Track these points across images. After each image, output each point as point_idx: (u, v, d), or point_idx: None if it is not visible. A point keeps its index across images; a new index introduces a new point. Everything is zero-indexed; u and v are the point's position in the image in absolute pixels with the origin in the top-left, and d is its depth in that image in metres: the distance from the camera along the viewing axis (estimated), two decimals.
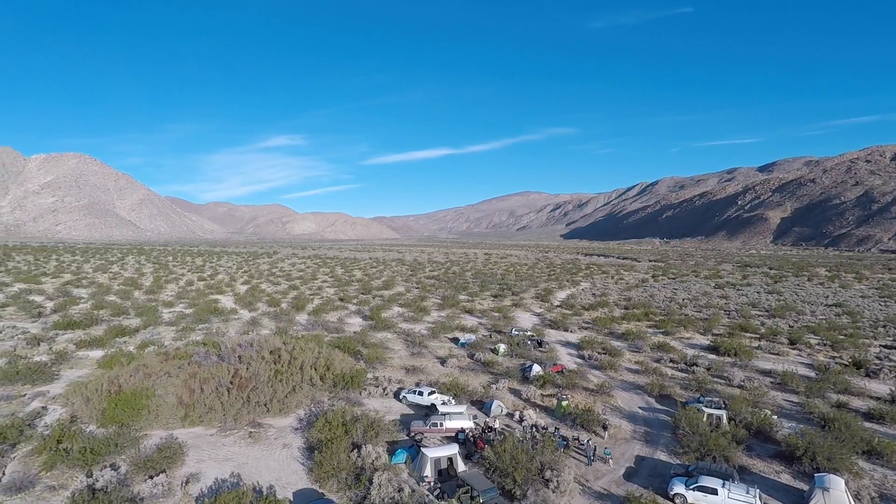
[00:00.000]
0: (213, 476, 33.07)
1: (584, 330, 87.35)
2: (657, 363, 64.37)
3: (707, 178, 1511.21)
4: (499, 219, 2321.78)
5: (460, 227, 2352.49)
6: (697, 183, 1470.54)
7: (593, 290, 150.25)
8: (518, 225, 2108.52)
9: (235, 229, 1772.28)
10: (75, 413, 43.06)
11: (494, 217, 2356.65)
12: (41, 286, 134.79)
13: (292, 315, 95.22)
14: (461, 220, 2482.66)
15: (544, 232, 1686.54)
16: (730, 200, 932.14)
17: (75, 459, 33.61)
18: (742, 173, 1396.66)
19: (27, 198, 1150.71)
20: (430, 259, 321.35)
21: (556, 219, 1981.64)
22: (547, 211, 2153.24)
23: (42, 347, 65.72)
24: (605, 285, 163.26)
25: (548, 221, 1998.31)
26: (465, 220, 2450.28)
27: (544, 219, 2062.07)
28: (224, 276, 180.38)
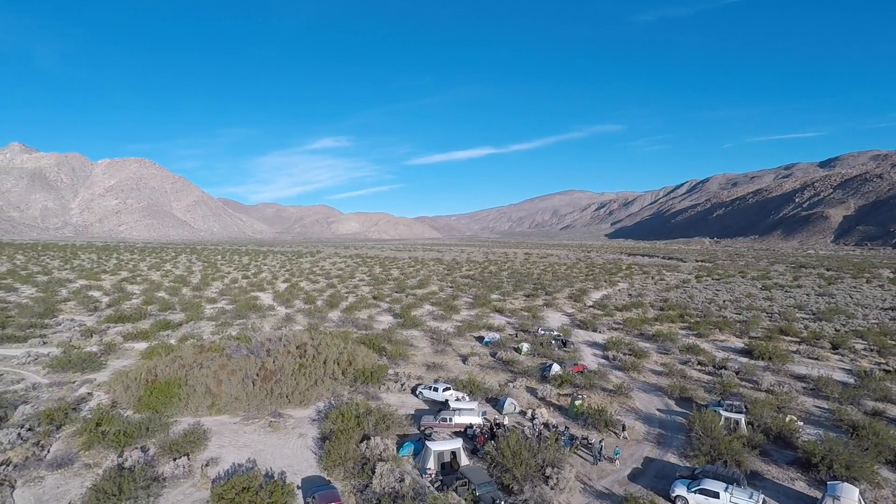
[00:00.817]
0: (231, 461, 35.22)
1: (614, 331, 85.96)
2: (684, 365, 62.92)
3: (762, 174, 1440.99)
4: (541, 218, 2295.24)
5: (502, 226, 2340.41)
6: (751, 180, 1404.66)
7: (630, 290, 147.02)
8: (561, 224, 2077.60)
9: (283, 229, 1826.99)
10: (116, 399, 46.53)
11: (537, 216, 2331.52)
12: (100, 283, 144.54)
13: (325, 312, 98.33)
14: (503, 219, 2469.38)
15: (588, 231, 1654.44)
16: (786, 198, 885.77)
17: (110, 441, 36.51)
18: (801, 169, 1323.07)
19: (94, 200, 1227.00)
20: (468, 258, 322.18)
21: (600, 218, 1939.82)
22: (591, 210, 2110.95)
23: (94, 339, 70.92)
24: (644, 286, 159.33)
25: (592, 221, 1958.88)
26: (507, 220, 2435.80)
27: (588, 218, 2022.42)
28: (267, 274, 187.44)
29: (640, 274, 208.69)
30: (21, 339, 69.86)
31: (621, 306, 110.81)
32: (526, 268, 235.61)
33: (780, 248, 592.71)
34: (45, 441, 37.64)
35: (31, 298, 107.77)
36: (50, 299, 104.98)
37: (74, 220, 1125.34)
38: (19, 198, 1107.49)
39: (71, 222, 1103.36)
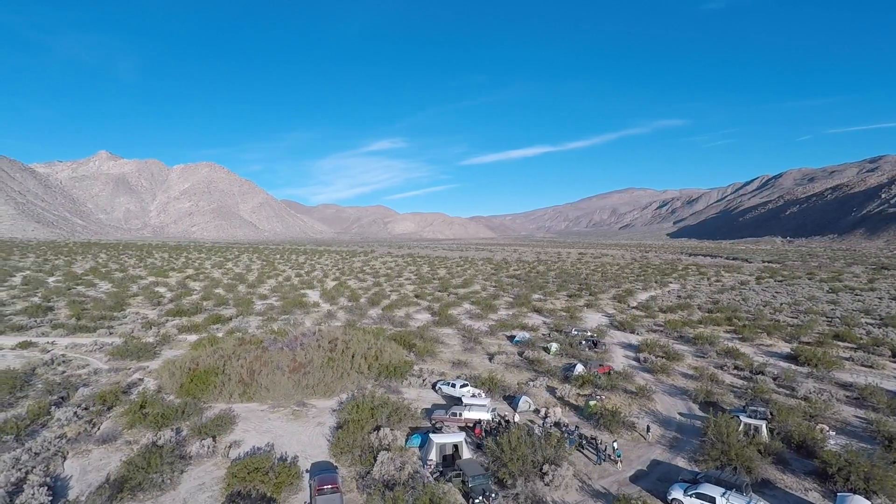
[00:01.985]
0: (252, 444, 38.00)
1: (653, 332, 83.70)
2: (719, 370, 60.78)
3: (843, 168, 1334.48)
4: (599, 217, 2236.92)
5: (559, 226, 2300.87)
6: (830, 175, 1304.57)
7: (681, 292, 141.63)
8: (620, 223, 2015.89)
9: (342, 229, 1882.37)
10: (162, 385, 50.99)
11: (595, 215, 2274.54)
12: (167, 280, 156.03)
13: (366, 309, 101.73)
14: (560, 218, 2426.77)
15: (649, 231, 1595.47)
16: (871, 193, 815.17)
17: (150, 422, 40.32)
18: (889, 162, 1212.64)
19: (170, 203, 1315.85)
20: (518, 258, 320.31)
21: (662, 216, 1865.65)
22: (652, 208, 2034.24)
23: (152, 331, 77.30)
24: (696, 287, 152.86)
25: (653, 219, 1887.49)
26: (563, 219, 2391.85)
27: (649, 217, 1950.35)
28: (319, 272, 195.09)
29: (695, 275, 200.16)
30: (91, 329, 77.29)
31: (666, 308, 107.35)
32: (576, 268, 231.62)
33: (861, 248, 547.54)
34: (97, 419, 42.07)
35: (105, 293, 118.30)
36: (121, 294, 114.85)
37: (153, 221, 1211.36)
38: (106, 201, 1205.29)
39: (150, 223, 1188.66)
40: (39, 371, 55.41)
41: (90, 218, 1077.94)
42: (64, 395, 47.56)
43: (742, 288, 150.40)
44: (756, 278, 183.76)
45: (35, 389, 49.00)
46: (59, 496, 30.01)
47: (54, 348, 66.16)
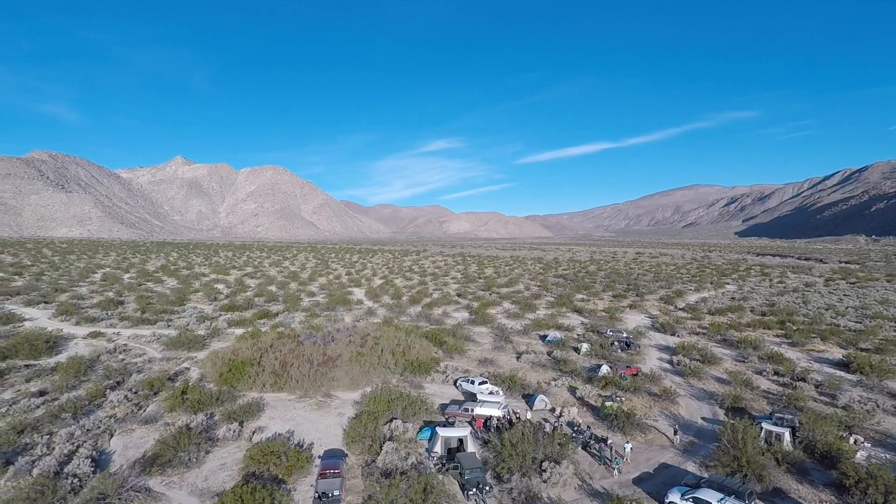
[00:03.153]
0: (275, 430, 40.67)
1: (695, 335, 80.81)
2: (759, 375, 58.12)
3: None
4: (662, 215, 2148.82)
5: (618, 224, 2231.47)
6: None
7: (736, 293, 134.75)
8: (684, 221, 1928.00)
9: (398, 229, 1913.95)
10: (204, 374, 55.19)
11: (657, 213, 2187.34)
12: (227, 277, 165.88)
13: (407, 307, 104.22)
14: (619, 217, 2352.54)
15: (715, 229, 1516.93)
16: None
17: (187, 406, 44.05)
18: None
19: (237, 205, 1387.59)
20: (571, 258, 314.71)
21: (730, 214, 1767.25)
22: (719, 206, 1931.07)
23: (205, 324, 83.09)
24: (755, 289, 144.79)
25: (720, 217, 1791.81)
26: (623, 218, 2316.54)
27: (716, 214, 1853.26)
28: (369, 271, 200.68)
29: (757, 276, 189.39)
30: (152, 321, 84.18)
31: (715, 310, 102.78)
32: (628, 268, 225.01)
33: None
34: (144, 402, 46.36)
35: (170, 289, 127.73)
36: (184, 290, 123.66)
37: (222, 222, 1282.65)
38: (180, 203, 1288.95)
39: (219, 224, 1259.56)
40: (103, 358, 61.33)
41: (167, 219, 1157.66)
42: (119, 380, 52.62)
43: (806, 290, 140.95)
44: (825, 280, 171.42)
45: (96, 374, 54.46)
46: (101, 467, 33.65)
47: (119, 338, 72.77)
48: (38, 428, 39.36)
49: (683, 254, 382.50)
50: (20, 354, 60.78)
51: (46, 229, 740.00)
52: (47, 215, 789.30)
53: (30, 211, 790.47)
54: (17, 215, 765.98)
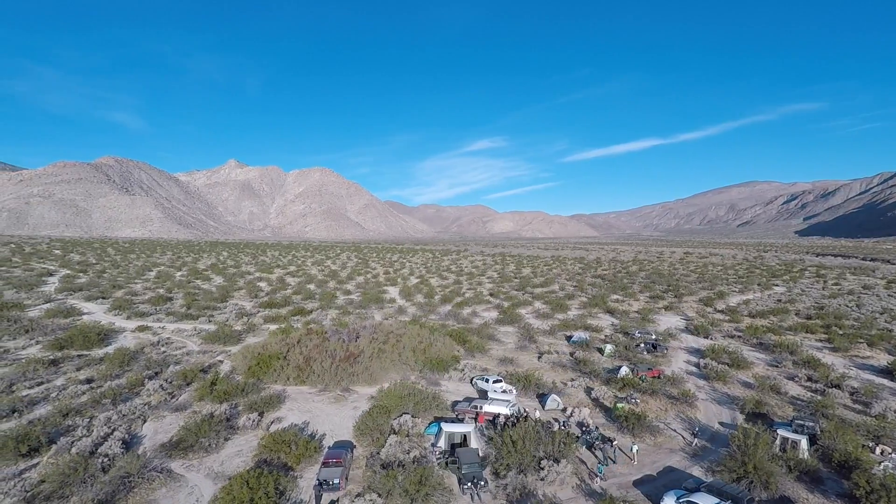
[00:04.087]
0: (292, 420, 42.76)
1: (729, 338, 78.10)
2: (791, 380, 55.85)
3: None
4: (715, 214, 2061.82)
5: (668, 223, 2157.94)
6: None
7: (784, 295, 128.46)
8: (739, 220, 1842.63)
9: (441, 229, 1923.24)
10: (235, 367, 58.27)
11: (710, 212, 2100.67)
12: (271, 275, 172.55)
13: (437, 306, 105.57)
14: (669, 216, 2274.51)
15: (773, 228, 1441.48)
16: None
17: (215, 396, 46.88)
18: None
19: (286, 206, 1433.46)
20: (614, 258, 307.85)
21: (789, 212, 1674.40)
22: (778, 203, 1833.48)
23: (242, 320, 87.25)
24: (805, 291, 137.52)
25: (778, 215, 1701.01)
26: (673, 216, 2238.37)
27: (774, 212, 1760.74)
28: (407, 270, 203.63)
29: (812, 277, 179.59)
30: (195, 317, 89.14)
31: (757, 312, 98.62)
32: (673, 269, 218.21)
33: None
34: (177, 392, 49.62)
35: (216, 287, 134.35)
36: (228, 288, 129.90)
37: (272, 222, 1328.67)
38: (233, 205, 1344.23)
39: (269, 224, 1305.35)
40: (146, 350, 65.71)
41: (221, 220, 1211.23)
42: (158, 370, 56.38)
43: (863, 293, 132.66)
44: (887, 282, 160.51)
45: (139, 365, 58.48)
46: (130, 449, 36.52)
47: (163, 332, 77.63)
48: (81, 412, 42.99)
49: (735, 254, 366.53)
50: (75, 345, 66.04)
51: (113, 230, 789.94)
52: (114, 217, 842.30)
53: (98, 213, 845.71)
54: (87, 217, 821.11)
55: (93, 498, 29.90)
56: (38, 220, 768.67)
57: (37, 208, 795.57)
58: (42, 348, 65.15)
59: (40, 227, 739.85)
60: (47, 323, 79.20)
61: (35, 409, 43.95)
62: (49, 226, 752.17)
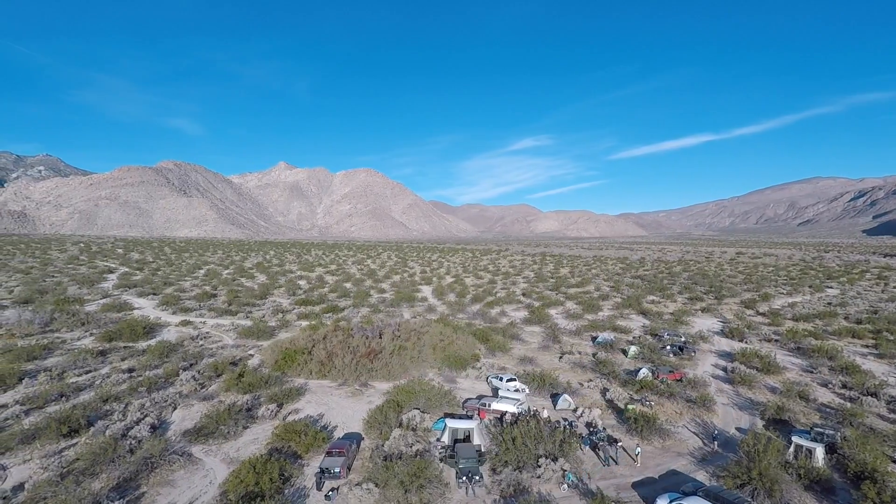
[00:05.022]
0: (308, 412, 44.80)
1: (767, 342, 75.03)
2: (824, 386, 53.37)
3: None
4: (773, 212, 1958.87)
5: (721, 222, 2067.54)
6: None
7: (836, 298, 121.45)
8: (800, 219, 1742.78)
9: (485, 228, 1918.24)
10: (264, 360, 61.22)
11: (767, 210, 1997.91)
12: (311, 274, 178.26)
13: (467, 305, 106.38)
14: (723, 214, 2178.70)
15: (838, 227, 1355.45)
16: None
17: (241, 388, 49.64)
18: None
19: (333, 206, 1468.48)
20: (659, 258, 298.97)
21: (857, 210, 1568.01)
22: (844, 200, 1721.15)
23: (277, 317, 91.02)
24: (861, 294, 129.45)
25: (844, 213, 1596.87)
26: (727, 215, 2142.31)
27: (839, 210, 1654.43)
28: (444, 269, 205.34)
29: (873, 279, 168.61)
30: (234, 313, 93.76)
31: (801, 316, 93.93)
32: (719, 269, 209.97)
33: None
34: (207, 383, 52.77)
35: (258, 284, 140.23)
36: (269, 285, 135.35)
37: (319, 222, 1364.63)
38: (283, 206, 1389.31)
39: (317, 224, 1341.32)
40: (186, 344, 69.86)
41: (271, 220, 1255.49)
42: (193, 362, 60.01)
43: None
44: None
45: (177, 356, 62.36)
46: (157, 433, 39.39)
47: (203, 327, 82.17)
48: (119, 398, 46.56)
49: (792, 254, 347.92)
50: (122, 337, 71.12)
51: (171, 230, 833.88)
52: (172, 217, 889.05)
53: (159, 214, 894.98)
54: (148, 218, 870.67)
55: (119, 476, 32.65)
56: (105, 220, 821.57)
57: (104, 210, 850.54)
58: (94, 340, 70.46)
59: (107, 228, 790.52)
60: (101, 317, 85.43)
61: (80, 395, 47.92)
62: (115, 226, 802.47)
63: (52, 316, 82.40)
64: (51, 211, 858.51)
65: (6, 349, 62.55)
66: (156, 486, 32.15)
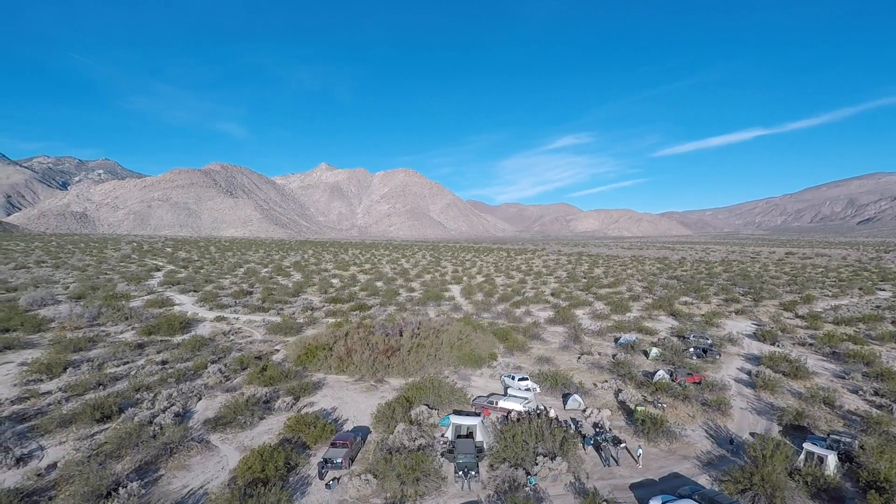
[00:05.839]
0: (322, 406, 46.54)
1: (800, 346, 72.15)
2: (854, 393, 51.16)
3: None
4: (830, 209, 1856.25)
5: (773, 221, 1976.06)
6: None
7: (886, 301, 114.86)
8: (860, 217, 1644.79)
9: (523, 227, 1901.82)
10: (287, 355, 63.67)
11: (823, 207, 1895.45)
12: (345, 272, 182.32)
13: (493, 305, 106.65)
14: (774, 212, 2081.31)
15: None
16: None
17: (262, 381, 51.97)
18: None
19: (372, 206, 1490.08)
20: (700, 258, 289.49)
21: None
22: None
23: (306, 314, 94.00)
24: None
25: None
26: (779, 213, 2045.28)
27: None
28: (476, 269, 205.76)
29: None
30: (266, 310, 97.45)
31: (843, 319, 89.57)
32: (764, 270, 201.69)
33: None
34: (232, 376, 55.45)
35: (293, 282, 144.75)
36: (303, 283, 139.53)
37: (359, 222, 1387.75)
38: (324, 206, 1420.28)
39: (356, 224, 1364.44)
40: (217, 338, 73.36)
41: (312, 220, 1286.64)
42: (222, 356, 63.08)
43: None
44: None
45: (207, 350, 65.66)
46: (180, 421, 41.92)
47: (236, 322, 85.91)
48: (150, 388, 49.67)
49: (847, 255, 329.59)
50: (160, 332, 75.33)
51: (218, 230, 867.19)
52: (219, 218, 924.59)
53: (207, 214, 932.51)
54: (197, 218, 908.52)
55: (140, 459, 35.10)
56: (158, 221, 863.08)
57: (157, 210, 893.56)
58: (135, 333, 74.96)
59: (160, 228, 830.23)
60: (144, 312, 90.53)
61: (116, 384, 51.37)
62: (166, 226, 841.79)
63: (99, 311, 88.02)
64: (108, 212, 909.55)
65: (56, 341, 67.48)
66: (173, 469, 34.39)
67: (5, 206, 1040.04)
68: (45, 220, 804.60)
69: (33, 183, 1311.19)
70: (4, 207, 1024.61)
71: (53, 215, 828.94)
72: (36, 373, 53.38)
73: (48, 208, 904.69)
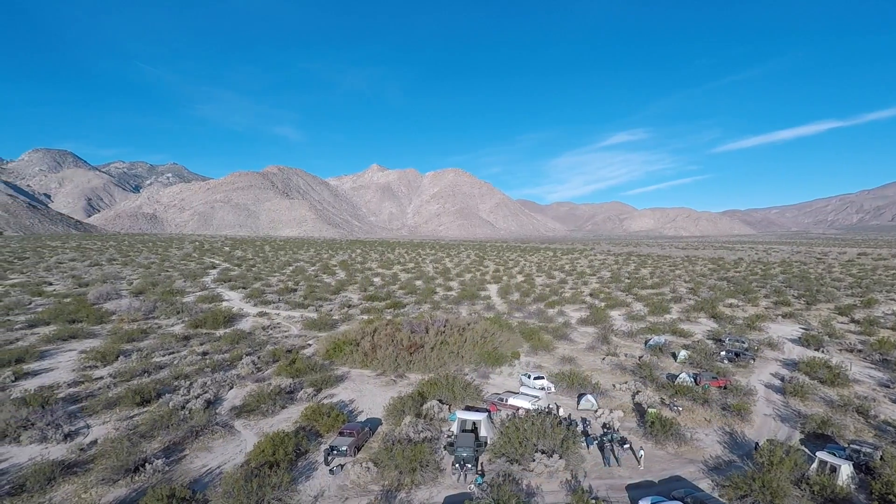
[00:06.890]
0: (341, 398, 48.77)
1: (848, 352, 68.10)
2: (895, 402, 48.16)
3: None
4: None
5: (848, 219, 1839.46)
6: None
7: None
8: None
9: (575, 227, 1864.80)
10: (317, 350, 66.70)
11: None
12: (388, 271, 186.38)
13: (528, 304, 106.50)
14: (849, 210, 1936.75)
15: None
16: None
17: (290, 372, 54.94)
18: None
19: (422, 206, 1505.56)
20: (759, 259, 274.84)
21: None
22: None
23: (343, 311, 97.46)
24: None
25: None
26: (855, 211, 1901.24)
27: None
28: (518, 268, 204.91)
29: None
30: (306, 306, 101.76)
31: None
32: (828, 271, 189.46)
33: None
34: (263, 367, 58.86)
35: (336, 280, 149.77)
36: (346, 282, 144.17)
37: (409, 222, 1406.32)
38: (375, 206, 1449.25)
39: (407, 224, 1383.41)
40: (256, 332, 77.65)
41: (364, 220, 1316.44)
42: (257, 349, 66.91)
43: None
44: None
45: (244, 343, 69.76)
46: (210, 407, 45.25)
47: (276, 318, 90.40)
48: (188, 376, 53.71)
49: None
50: (206, 325, 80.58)
51: (275, 230, 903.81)
52: (276, 218, 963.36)
53: (264, 215, 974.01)
54: (255, 219, 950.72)
55: (170, 440, 38.38)
56: (220, 221, 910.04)
57: (219, 212, 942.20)
58: (183, 326, 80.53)
59: (221, 228, 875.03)
60: (194, 307, 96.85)
61: (160, 372, 55.79)
62: (227, 226, 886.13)
63: (155, 305, 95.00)
64: (176, 213, 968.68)
65: (113, 332, 73.70)
66: (197, 450, 37.39)
67: (86, 209, 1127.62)
68: (119, 220, 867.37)
69: (110, 186, 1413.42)
70: (85, 209, 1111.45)
71: (127, 216, 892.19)
72: (92, 360, 58.83)
73: (122, 210, 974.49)
